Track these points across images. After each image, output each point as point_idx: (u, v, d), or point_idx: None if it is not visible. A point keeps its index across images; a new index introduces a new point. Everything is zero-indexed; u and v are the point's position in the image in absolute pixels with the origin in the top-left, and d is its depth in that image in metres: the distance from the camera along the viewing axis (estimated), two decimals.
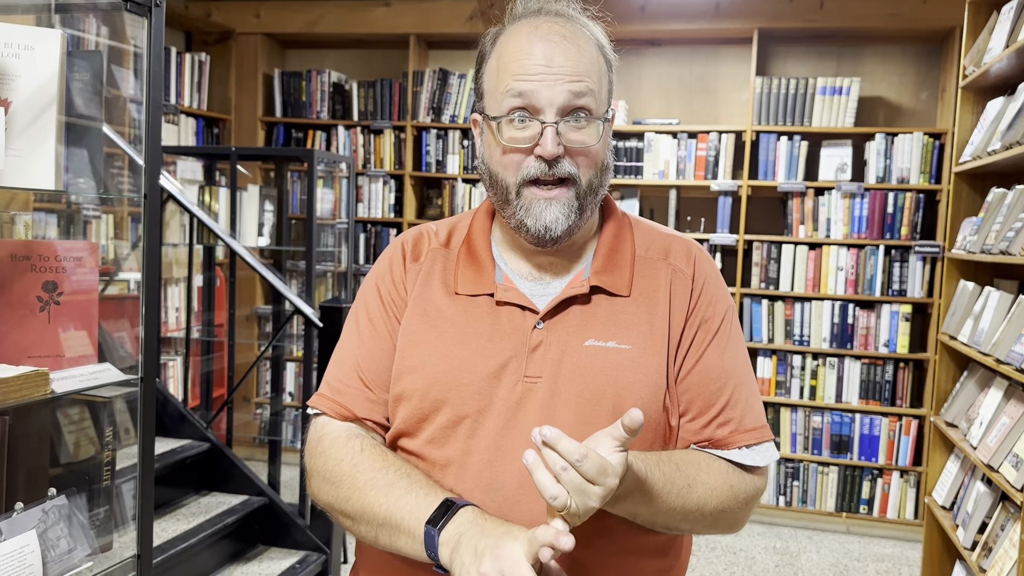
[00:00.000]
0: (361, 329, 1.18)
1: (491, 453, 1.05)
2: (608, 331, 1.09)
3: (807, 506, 4.37)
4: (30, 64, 1.43)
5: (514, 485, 1.04)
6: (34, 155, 1.45)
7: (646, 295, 1.12)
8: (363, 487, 1.06)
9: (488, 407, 1.07)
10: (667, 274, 1.14)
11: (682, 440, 1.12)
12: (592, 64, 1.09)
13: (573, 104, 1.06)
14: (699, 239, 4.47)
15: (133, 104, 2.78)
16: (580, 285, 1.11)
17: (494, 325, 1.10)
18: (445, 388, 1.07)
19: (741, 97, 4.59)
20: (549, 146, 1.05)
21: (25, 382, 1.35)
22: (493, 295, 1.12)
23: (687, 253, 1.18)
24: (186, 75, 4.80)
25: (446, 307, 1.13)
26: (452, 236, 1.21)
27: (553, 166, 1.07)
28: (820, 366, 4.36)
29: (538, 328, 1.09)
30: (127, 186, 3.05)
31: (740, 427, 1.12)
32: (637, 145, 4.55)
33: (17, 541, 1.38)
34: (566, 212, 1.08)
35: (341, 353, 1.19)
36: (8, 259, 1.44)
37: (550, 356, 1.08)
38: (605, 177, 1.13)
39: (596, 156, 1.10)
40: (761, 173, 4.41)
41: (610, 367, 1.07)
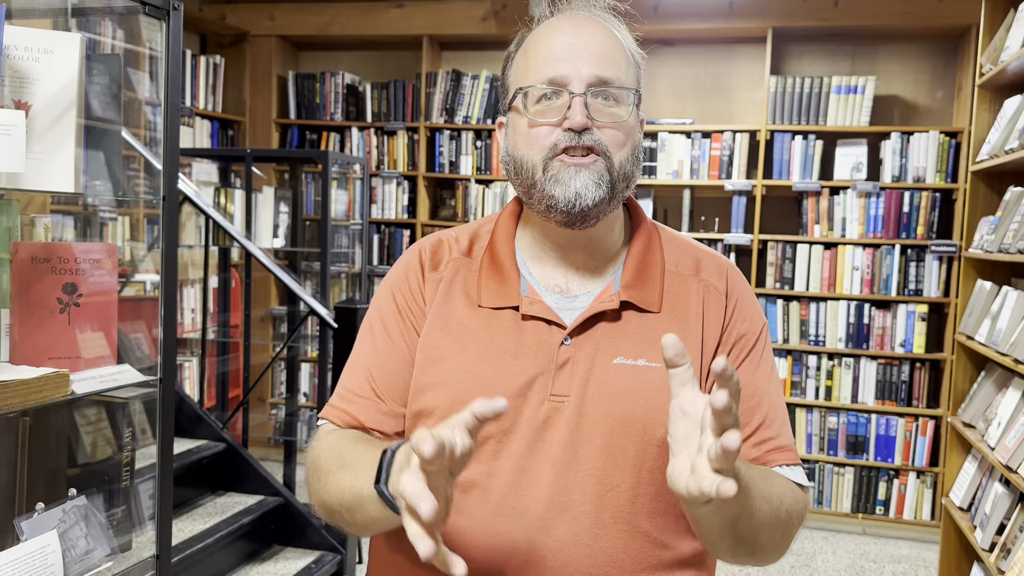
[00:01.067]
0: (376, 338, 1.13)
1: (515, 476, 1.01)
2: (638, 349, 1.05)
3: (823, 507, 4.35)
4: (49, 68, 1.45)
5: (540, 510, 0.99)
6: (54, 158, 1.46)
7: (677, 312, 1.08)
8: (334, 471, 1.01)
9: (513, 427, 1.02)
10: (699, 290, 1.10)
11: None
12: (619, 49, 1.08)
13: (601, 77, 1.04)
14: (713, 239, 4.46)
15: (149, 106, 2.79)
16: (610, 300, 1.07)
17: (519, 340, 1.05)
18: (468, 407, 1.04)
19: (755, 96, 4.58)
20: (578, 116, 1.02)
21: (46, 383, 1.36)
22: (518, 308, 1.07)
23: (719, 268, 1.14)
24: (201, 77, 4.83)
25: (468, 320, 1.08)
26: (474, 244, 1.16)
27: (582, 136, 1.03)
28: (836, 366, 4.34)
29: (565, 344, 1.04)
30: (143, 188, 3.07)
31: (778, 447, 1.07)
32: (651, 145, 4.54)
33: (38, 541, 1.40)
34: (596, 180, 1.03)
35: (354, 363, 1.15)
36: (28, 261, 1.45)
37: (578, 374, 1.03)
38: (636, 168, 1.09)
39: (628, 135, 1.06)
40: (776, 172, 4.39)
41: (640, 387, 1.02)
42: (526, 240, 1.15)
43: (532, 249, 1.14)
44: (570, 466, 1.00)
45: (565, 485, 0.99)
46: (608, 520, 0.99)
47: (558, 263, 1.12)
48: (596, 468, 1.00)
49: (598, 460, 1.00)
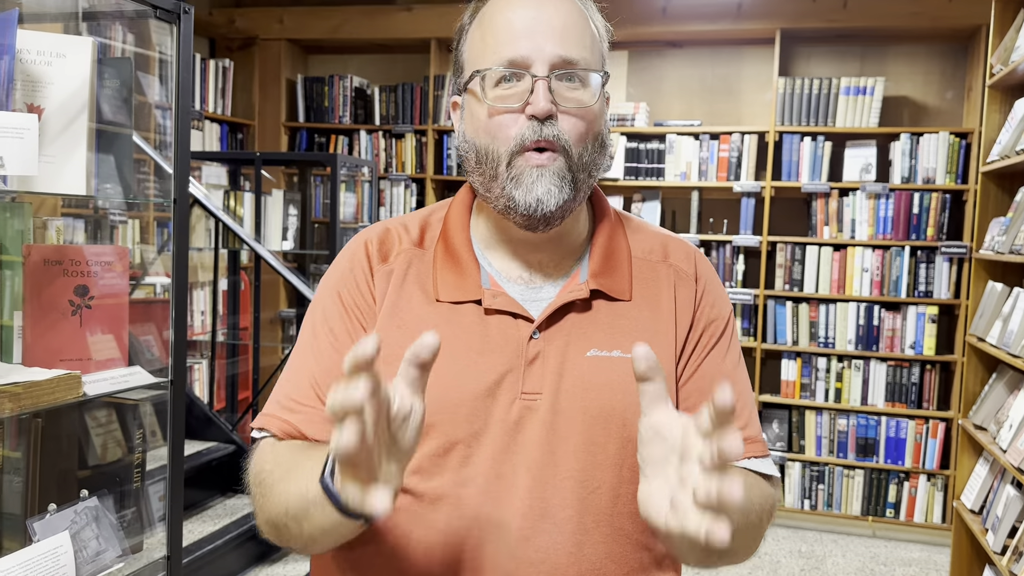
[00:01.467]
0: (319, 341, 1.02)
1: (489, 483, 0.93)
2: (611, 339, 0.99)
3: (832, 509, 4.33)
4: (62, 72, 1.46)
5: (518, 519, 0.92)
6: (66, 161, 1.47)
7: (648, 298, 1.03)
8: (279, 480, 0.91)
9: (483, 430, 0.94)
10: (669, 275, 1.05)
11: None
12: (583, 25, 0.99)
13: (566, 57, 0.96)
14: (722, 240, 4.45)
15: (158, 110, 2.81)
16: (579, 289, 1.00)
17: (484, 336, 0.98)
18: (432, 411, 0.91)
19: (764, 98, 4.57)
20: (542, 101, 0.94)
21: (58, 385, 1.37)
22: (480, 302, 0.99)
23: (687, 254, 1.09)
24: (210, 81, 4.85)
25: (426, 317, 0.99)
26: (425, 233, 1.07)
27: (544, 126, 0.95)
28: (845, 368, 4.32)
29: (534, 338, 0.97)
30: (153, 191, 3.08)
31: (747, 438, 1.01)
32: (659, 147, 4.53)
33: (51, 542, 1.40)
34: (558, 183, 0.95)
35: (295, 368, 1.03)
36: (41, 264, 1.46)
37: (549, 369, 0.96)
38: (600, 155, 1.01)
39: (592, 123, 0.98)
40: (784, 174, 4.38)
41: (617, 379, 0.96)
42: (481, 231, 1.07)
43: (489, 240, 1.06)
44: (548, 469, 0.94)
45: (544, 490, 0.93)
46: (591, 525, 0.94)
47: (519, 255, 1.04)
48: (576, 469, 0.94)
49: (577, 461, 0.94)
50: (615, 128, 4.55)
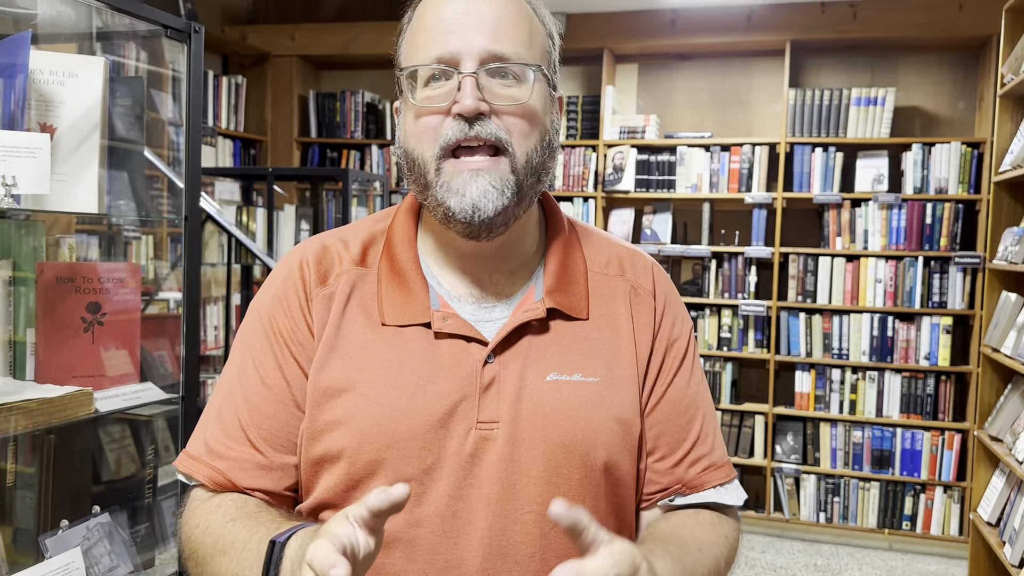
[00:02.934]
0: (246, 377, 0.94)
1: (445, 522, 0.86)
2: (571, 362, 0.92)
3: (848, 522, 4.30)
4: (75, 91, 1.47)
5: (478, 560, 0.86)
6: (78, 179, 1.48)
7: (606, 317, 0.96)
8: (212, 557, 0.85)
9: (436, 464, 0.87)
10: (625, 292, 0.99)
11: (649, 483, 0.97)
12: (520, 18, 0.92)
13: (496, 52, 0.88)
14: (734, 252, 4.44)
15: (171, 127, 2.84)
16: (535, 308, 0.93)
17: (435, 362, 0.90)
18: (381, 445, 0.87)
19: (774, 109, 4.57)
20: (468, 99, 0.86)
21: (70, 401, 1.38)
22: (429, 325, 0.92)
23: (644, 268, 1.02)
24: (223, 97, 4.89)
25: (371, 343, 0.91)
26: (368, 250, 0.98)
27: (474, 125, 0.87)
28: (860, 380, 4.29)
29: (489, 363, 0.90)
30: (166, 207, 3.11)
31: (712, 464, 0.98)
32: (669, 159, 4.53)
33: (63, 558, 1.41)
34: (498, 186, 0.88)
35: (220, 404, 0.95)
36: (54, 281, 1.47)
37: (506, 396, 0.89)
38: (549, 158, 0.93)
39: (533, 121, 0.90)
40: (796, 185, 4.37)
41: (578, 405, 0.91)
42: (429, 245, 0.99)
43: (437, 255, 0.98)
44: (508, 504, 0.87)
45: (504, 527, 0.87)
46: (554, 561, 0.82)
47: (467, 271, 0.97)
48: (537, 503, 0.87)
49: (539, 494, 0.88)
50: (625, 140, 4.56)
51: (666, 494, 0.97)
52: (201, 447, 0.94)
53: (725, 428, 4.48)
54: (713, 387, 4.49)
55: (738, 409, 4.47)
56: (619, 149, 4.57)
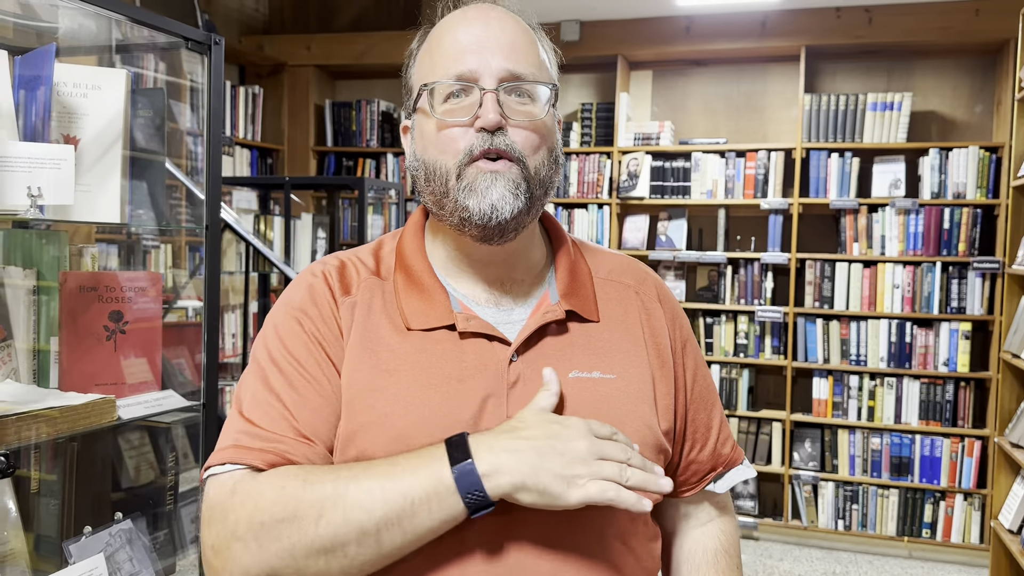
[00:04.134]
0: (286, 374, 0.93)
1: (483, 517, 0.86)
2: (589, 360, 0.98)
3: (867, 530, 4.27)
4: (97, 103, 1.50)
5: (515, 548, 0.89)
6: (101, 190, 1.50)
7: (616, 319, 1.03)
8: (335, 495, 0.82)
9: None
10: (631, 297, 1.06)
11: (693, 473, 1.08)
12: (530, 43, 0.99)
13: (514, 71, 0.95)
14: (750, 258, 4.43)
15: (189, 136, 2.86)
16: (554, 310, 0.99)
17: (461, 362, 0.94)
18: (416, 443, 0.88)
19: (790, 114, 4.56)
20: (491, 113, 0.93)
21: (93, 409, 1.39)
22: (454, 327, 0.95)
23: (644, 275, 1.10)
24: (240, 107, 4.93)
25: (399, 346, 0.94)
26: (380, 264, 1.03)
27: (495, 137, 0.93)
28: (878, 386, 4.27)
29: (514, 361, 0.95)
30: (185, 216, 3.13)
31: (734, 441, 1.12)
32: (684, 165, 4.53)
33: (86, 564, 1.42)
34: (513, 190, 0.93)
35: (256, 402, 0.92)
36: (77, 290, 1.49)
37: (532, 392, 0.93)
38: (555, 172, 0.99)
39: (544, 136, 0.97)
40: (812, 191, 4.36)
41: (600, 400, 0.96)
42: (439, 256, 1.03)
43: (449, 266, 1.03)
44: None
45: (540, 518, 0.89)
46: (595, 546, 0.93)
47: (480, 279, 1.01)
48: None
49: None
50: (639, 147, 4.56)
51: (710, 476, 1.09)
52: (245, 437, 0.89)
53: (742, 435, 4.46)
54: (729, 394, 4.47)
55: (755, 416, 4.45)
56: (633, 156, 4.57)
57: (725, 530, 1.10)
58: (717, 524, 1.10)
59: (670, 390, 1.03)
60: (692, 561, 1.08)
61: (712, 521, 1.10)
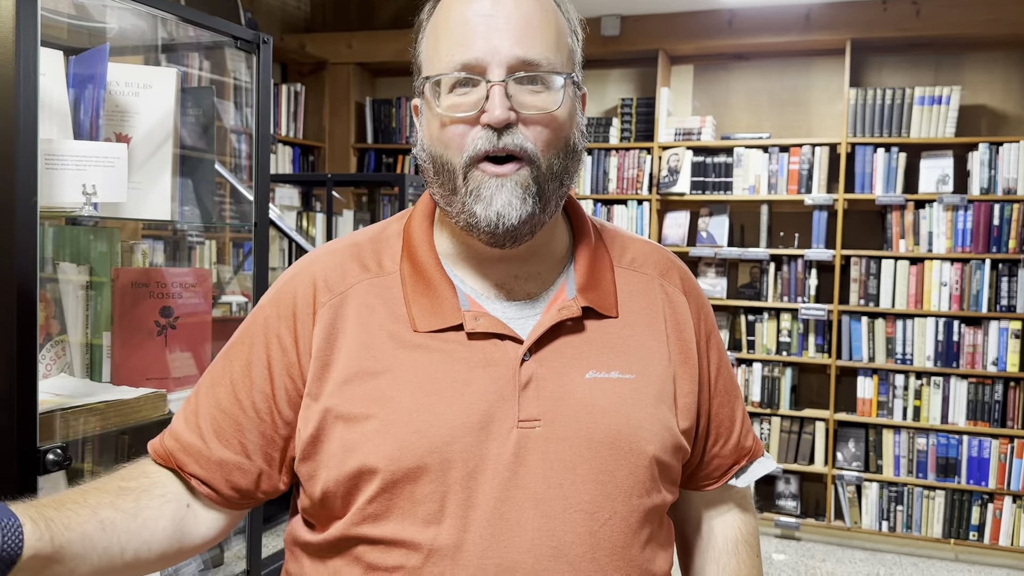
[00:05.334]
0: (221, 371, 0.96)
1: (493, 525, 0.84)
2: (607, 360, 0.92)
3: (912, 531, 4.20)
4: (148, 102, 1.52)
5: (529, 561, 0.84)
6: (152, 187, 1.53)
7: (636, 313, 0.97)
8: None
9: (481, 466, 0.85)
10: (653, 287, 1.00)
11: (716, 467, 1.05)
12: (548, 20, 0.89)
13: (525, 59, 0.86)
14: (793, 255, 4.37)
15: (233, 134, 2.90)
16: (569, 306, 0.92)
17: (469, 363, 0.88)
18: (421, 451, 0.85)
19: (835, 109, 4.49)
20: (498, 109, 0.85)
21: (145, 403, 1.42)
22: (462, 326, 0.90)
23: (668, 263, 1.03)
24: (283, 105, 4.98)
25: (402, 351, 0.89)
26: (383, 255, 0.97)
27: (503, 135, 0.86)
28: (924, 385, 4.19)
29: (526, 360, 0.89)
30: (229, 212, 3.17)
31: (753, 438, 1.09)
32: (726, 160, 4.49)
33: None
34: (521, 195, 0.87)
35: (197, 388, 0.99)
36: (128, 286, 1.52)
37: (546, 394, 0.88)
38: (572, 162, 0.92)
39: (559, 129, 0.89)
40: (858, 186, 4.29)
41: (619, 402, 0.90)
42: (447, 247, 0.97)
43: (456, 257, 0.96)
44: (556, 504, 0.86)
45: (553, 527, 0.85)
46: (605, 560, 0.87)
47: (492, 273, 0.95)
48: (585, 501, 0.87)
49: (586, 492, 0.87)
50: (680, 142, 4.52)
51: (733, 470, 1.07)
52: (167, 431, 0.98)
53: (784, 434, 4.41)
54: (772, 392, 4.42)
55: (798, 415, 4.39)
56: (674, 151, 4.54)
57: (746, 521, 1.09)
58: (737, 515, 1.09)
59: (693, 387, 0.98)
60: (712, 550, 1.07)
61: (732, 512, 1.09)
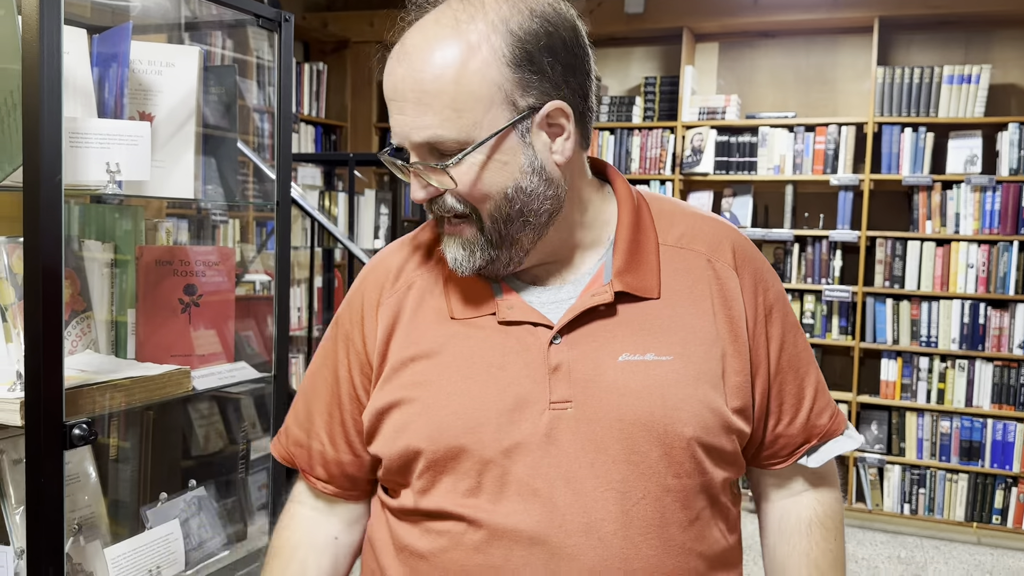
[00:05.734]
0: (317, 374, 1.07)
1: (526, 500, 0.89)
2: (643, 342, 0.92)
3: (934, 515, 4.17)
4: (171, 80, 1.52)
5: (560, 536, 0.88)
6: (174, 166, 1.54)
7: (680, 292, 0.95)
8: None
9: (514, 447, 0.89)
10: (702, 265, 0.97)
11: (783, 446, 1.01)
12: (447, 83, 0.85)
13: (423, 140, 0.88)
14: (818, 236, 4.33)
15: (256, 113, 2.91)
16: (603, 291, 0.93)
17: (503, 349, 0.93)
18: (458, 432, 0.91)
19: (862, 88, 4.42)
20: (415, 192, 0.91)
21: (169, 380, 1.43)
22: (495, 314, 0.94)
23: (722, 237, 1.00)
24: (305, 84, 4.99)
25: (441, 338, 0.95)
26: (431, 253, 1.02)
27: (432, 206, 0.92)
28: (949, 368, 4.15)
29: (555, 344, 0.92)
30: (252, 192, 3.19)
31: (834, 412, 1.04)
32: (751, 140, 4.44)
33: (162, 529, 1.47)
34: (469, 250, 0.92)
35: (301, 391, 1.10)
36: (153, 264, 1.53)
37: (577, 377, 0.91)
38: (525, 200, 0.90)
39: (483, 188, 0.88)
40: (884, 166, 4.23)
41: (654, 384, 0.91)
42: None
43: None
44: (587, 482, 0.89)
45: (585, 505, 0.88)
46: (638, 537, 0.89)
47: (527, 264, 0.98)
48: (617, 480, 0.89)
49: (618, 471, 0.89)
50: (704, 121, 4.48)
51: (802, 450, 1.03)
52: (283, 430, 1.11)
53: None
54: None
55: None
56: (698, 131, 4.50)
57: (823, 501, 1.05)
58: (813, 494, 1.05)
59: (744, 366, 0.95)
60: (782, 531, 1.05)
61: (808, 491, 1.05)
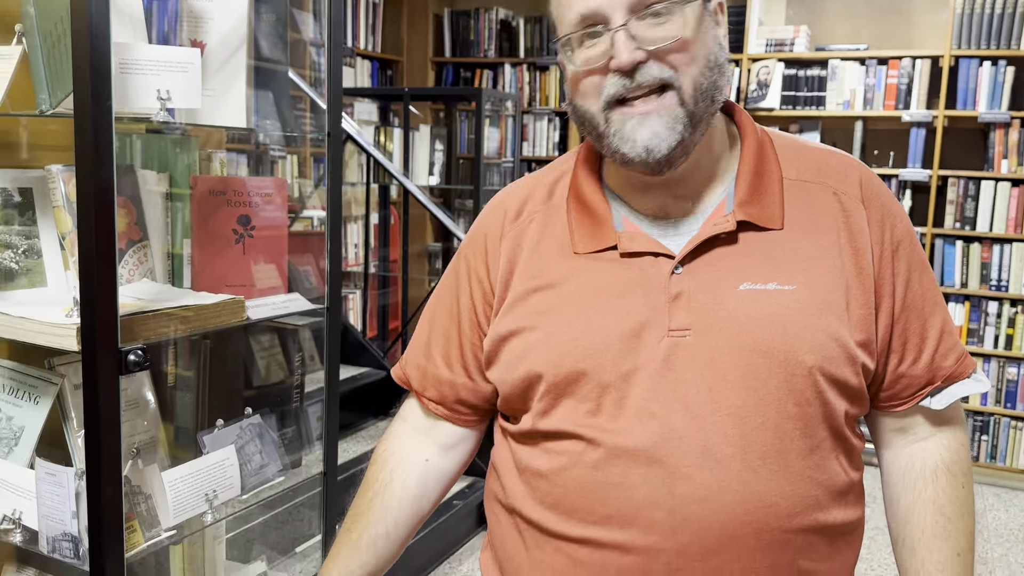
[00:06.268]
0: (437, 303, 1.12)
1: (643, 422, 0.91)
2: (766, 271, 0.93)
3: (996, 462, 4.08)
4: (222, 7, 1.51)
5: (676, 457, 0.90)
6: (226, 95, 1.53)
7: (804, 224, 0.95)
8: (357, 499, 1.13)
9: (633, 372, 0.92)
10: (828, 199, 0.97)
11: (904, 387, 0.99)
12: None
13: None
14: (887, 174, 4.17)
15: (312, 47, 2.88)
16: (724, 221, 0.94)
17: (624, 279, 0.95)
18: (579, 357, 0.94)
19: (938, 19, 4.20)
20: (623, 55, 0.88)
21: (223, 309, 1.45)
22: (617, 247, 0.96)
23: (848, 172, 0.99)
24: (361, 17, 4.94)
25: (564, 270, 0.98)
26: (556, 187, 1.05)
27: (635, 76, 0.89)
28: (1019, 313, 4.00)
29: (676, 274, 0.93)
30: (309, 127, 3.19)
31: (962, 354, 1.00)
32: (820, 73, 4.27)
33: (219, 454, 1.51)
34: (668, 124, 0.90)
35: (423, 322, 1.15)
36: (207, 194, 1.54)
37: (697, 305, 0.92)
38: (718, 76, 0.93)
39: (695, 50, 0.90)
40: (960, 102, 4.04)
41: (776, 313, 0.91)
42: (611, 175, 1.03)
43: (621, 184, 1.02)
44: (705, 407, 0.90)
45: (702, 427, 0.90)
46: (756, 462, 0.90)
47: (651, 195, 0.99)
48: (736, 406, 0.90)
49: (737, 397, 0.90)
50: (771, 54, 4.32)
51: (925, 391, 1.00)
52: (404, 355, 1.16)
53: None
54: None
55: None
56: (764, 63, 4.34)
57: (949, 447, 1.02)
58: (939, 440, 1.02)
59: (868, 299, 0.94)
60: (907, 477, 1.02)
61: (932, 436, 1.02)
